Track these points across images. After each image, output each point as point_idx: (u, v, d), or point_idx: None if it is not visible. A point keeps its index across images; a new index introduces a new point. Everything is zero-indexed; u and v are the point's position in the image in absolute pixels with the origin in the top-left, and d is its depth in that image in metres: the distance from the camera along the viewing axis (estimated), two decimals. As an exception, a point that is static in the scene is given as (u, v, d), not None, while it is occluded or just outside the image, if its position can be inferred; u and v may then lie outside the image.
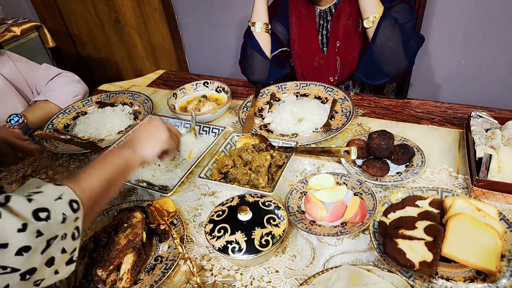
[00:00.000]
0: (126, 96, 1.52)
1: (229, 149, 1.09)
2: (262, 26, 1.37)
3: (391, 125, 1.16)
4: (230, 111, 1.35)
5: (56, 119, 1.41)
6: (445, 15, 1.90)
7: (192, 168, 1.03)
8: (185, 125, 1.24)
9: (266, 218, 0.79)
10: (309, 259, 0.80)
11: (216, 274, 0.80)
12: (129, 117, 1.38)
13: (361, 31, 1.32)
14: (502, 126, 1.03)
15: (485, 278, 0.70)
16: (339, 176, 0.96)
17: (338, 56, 1.39)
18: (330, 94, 1.32)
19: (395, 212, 0.82)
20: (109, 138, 1.28)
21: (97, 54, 3.33)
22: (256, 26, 1.37)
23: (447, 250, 0.71)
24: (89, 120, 1.36)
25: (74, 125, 1.39)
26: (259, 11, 1.36)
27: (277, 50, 1.41)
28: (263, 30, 1.37)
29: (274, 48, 1.41)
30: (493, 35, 1.85)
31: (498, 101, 1.42)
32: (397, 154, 0.98)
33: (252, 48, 1.39)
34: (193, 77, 1.65)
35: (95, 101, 1.50)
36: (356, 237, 0.83)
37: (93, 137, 1.30)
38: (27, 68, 1.49)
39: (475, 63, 1.95)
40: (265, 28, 1.38)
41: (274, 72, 1.41)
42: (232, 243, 0.75)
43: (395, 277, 0.69)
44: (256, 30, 1.37)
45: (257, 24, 1.37)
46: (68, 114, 1.44)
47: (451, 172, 0.97)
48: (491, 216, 0.76)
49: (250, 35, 1.39)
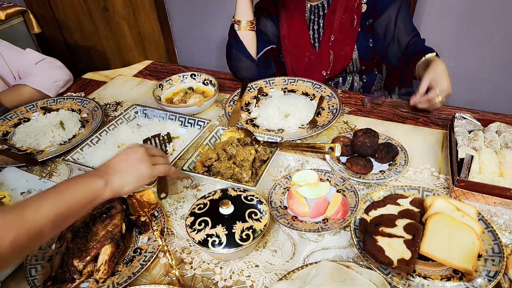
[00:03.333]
0: (75, 102, 1.38)
1: (213, 142, 1.08)
2: (247, 24, 1.34)
3: (377, 123, 1.17)
4: (217, 104, 1.34)
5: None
6: (434, 18, 1.91)
7: (175, 160, 1.02)
8: (170, 117, 1.22)
9: (248, 212, 0.79)
10: (290, 254, 0.80)
11: (196, 268, 0.79)
12: (76, 125, 1.26)
13: (356, 26, 1.32)
14: (485, 128, 1.04)
15: (461, 277, 0.70)
16: (322, 172, 0.96)
17: (332, 50, 1.38)
18: (318, 90, 1.32)
19: (376, 209, 0.83)
20: (49, 150, 1.15)
21: (84, 42, 3.26)
22: (240, 24, 1.34)
23: (425, 249, 0.71)
24: (30, 128, 1.22)
25: (13, 133, 1.24)
26: (243, 7, 1.32)
27: (263, 49, 1.39)
28: (247, 28, 1.34)
29: (261, 46, 1.39)
30: (481, 39, 1.88)
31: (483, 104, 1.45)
32: (381, 153, 0.98)
33: (237, 50, 1.36)
34: (181, 69, 1.63)
35: (40, 107, 1.36)
36: (337, 234, 0.84)
37: (32, 148, 1.16)
38: (10, 52, 1.44)
39: (462, 66, 1.98)
40: (250, 26, 1.34)
41: (260, 74, 1.40)
42: (213, 236, 0.75)
43: (373, 273, 0.70)
44: (241, 30, 1.34)
45: (242, 22, 1.34)
46: (9, 120, 1.29)
47: (433, 172, 0.98)
48: (470, 216, 0.77)
49: (234, 35, 1.36)
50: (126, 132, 1.15)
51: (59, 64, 1.51)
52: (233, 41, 1.37)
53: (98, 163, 1.04)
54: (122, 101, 1.41)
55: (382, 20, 1.33)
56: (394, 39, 1.34)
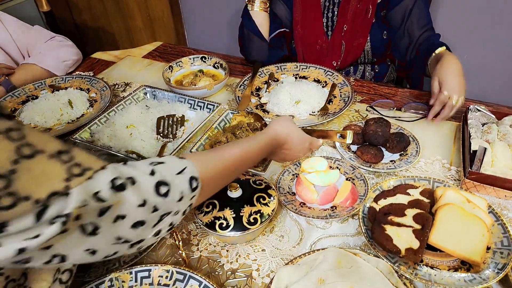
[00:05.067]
0: (83, 81, 1.36)
1: (223, 126, 1.07)
2: (260, 4, 1.32)
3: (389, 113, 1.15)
4: (227, 88, 1.33)
5: (4, 102, 1.25)
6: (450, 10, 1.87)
7: (184, 143, 1.01)
8: (180, 99, 1.21)
9: (256, 196, 0.78)
10: (297, 240, 0.80)
11: (202, 250, 0.79)
12: (84, 105, 1.25)
13: (371, 17, 1.29)
14: (499, 121, 1.02)
15: (469, 268, 0.70)
16: (332, 160, 0.95)
17: (344, 40, 1.35)
18: (330, 78, 1.30)
19: (386, 199, 0.82)
20: (57, 128, 1.14)
21: (93, 22, 3.23)
22: (254, 4, 1.32)
23: (434, 239, 0.71)
24: (38, 106, 1.21)
25: (21, 111, 1.23)
26: None
27: (276, 31, 1.38)
28: (260, 8, 1.33)
29: (273, 28, 1.38)
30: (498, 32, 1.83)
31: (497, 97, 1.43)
32: (393, 142, 0.97)
33: (248, 29, 1.35)
34: (191, 51, 1.61)
35: (48, 85, 1.35)
36: (345, 221, 0.83)
37: (40, 126, 1.16)
38: (16, 27, 1.42)
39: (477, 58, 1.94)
40: (263, 7, 1.33)
41: (271, 54, 1.38)
42: (220, 219, 0.74)
43: (381, 261, 0.69)
44: (254, 9, 1.33)
45: (255, 2, 1.32)
46: (17, 97, 1.28)
47: (444, 164, 0.96)
48: (480, 208, 0.76)
49: (247, 15, 1.35)
50: (135, 113, 1.15)
51: (69, 43, 1.50)
52: (246, 21, 1.35)
53: (106, 142, 1.04)
54: (131, 82, 1.40)
55: (397, 11, 1.28)
56: (405, 32, 1.29)
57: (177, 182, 0.56)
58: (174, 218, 0.57)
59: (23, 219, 0.39)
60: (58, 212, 0.41)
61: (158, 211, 0.53)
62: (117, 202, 0.48)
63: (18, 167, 0.39)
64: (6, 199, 0.38)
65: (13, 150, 0.39)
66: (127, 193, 0.49)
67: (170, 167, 0.56)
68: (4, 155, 0.39)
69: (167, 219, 0.56)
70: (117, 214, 0.48)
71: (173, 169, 0.56)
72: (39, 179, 0.41)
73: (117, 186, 0.48)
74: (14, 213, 0.38)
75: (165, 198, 0.53)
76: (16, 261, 0.42)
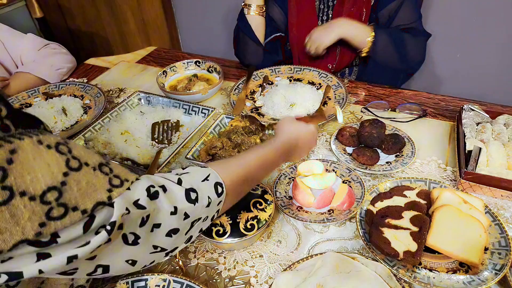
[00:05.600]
0: (77, 88, 1.36)
1: (218, 130, 1.07)
2: (256, 8, 1.32)
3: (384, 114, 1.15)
4: (221, 92, 1.32)
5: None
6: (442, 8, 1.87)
7: (179, 148, 1.01)
8: (174, 104, 1.20)
9: (253, 202, 0.78)
10: (294, 245, 0.79)
11: (199, 257, 0.79)
12: (78, 112, 1.24)
13: (365, 20, 1.29)
14: (493, 120, 1.03)
15: (467, 270, 0.70)
16: (328, 163, 0.95)
17: (339, 43, 1.35)
18: (324, 80, 1.30)
19: (382, 201, 0.82)
20: None
21: (87, 28, 3.22)
22: (249, 8, 1.32)
23: (431, 241, 0.71)
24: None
25: None
26: None
27: (272, 35, 1.37)
28: (256, 13, 1.32)
29: (269, 32, 1.37)
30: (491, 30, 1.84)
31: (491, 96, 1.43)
32: (388, 144, 0.97)
33: (244, 33, 1.35)
34: (185, 55, 1.61)
35: (42, 92, 1.34)
36: (343, 225, 0.83)
37: None
38: (10, 36, 1.41)
39: (470, 57, 1.94)
40: (259, 11, 1.33)
41: (266, 58, 1.38)
42: (217, 226, 0.74)
43: (379, 265, 0.69)
44: (250, 13, 1.32)
45: (251, 6, 1.32)
46: None
47: (440, 164, 0.97)
48: (477, 208, 0.76)
49: (243, 18, 1.34)
50: (129, 119, 1.14)
51: (64, 51, 1.49)
52: (241, 25, 1.35)
53: (101, 150, 1.03)
54: (125, 88, 1.39)
55: (384, 13, 1.28)
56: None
57: (204, 188, 0.59)
58: (204, 224, 0.61)
59: (73, 229, 0.42)
60: (103, 221, 0.44)
61: (189, 218, 0.56)
62: (153, 210, 0.51)
63: (68, 179, 0.41)
64: (58, 209, 0.40)
65: (64, 163, 0.42)
66: (161, 200, 0.52)
67: (195, 175, 0.60)
68: (56, 168, 0.41)
69: (198, 225, 0.59)
70: (154, 222, 0.51)
71: (199, 177, 0.60)
72: (85, 191, 0.43)
73: (152, 194, 0.51)
74: (64, 223, 0.40)
75: (194, 204, 0.56)
76: (63, 271, 0.44)
